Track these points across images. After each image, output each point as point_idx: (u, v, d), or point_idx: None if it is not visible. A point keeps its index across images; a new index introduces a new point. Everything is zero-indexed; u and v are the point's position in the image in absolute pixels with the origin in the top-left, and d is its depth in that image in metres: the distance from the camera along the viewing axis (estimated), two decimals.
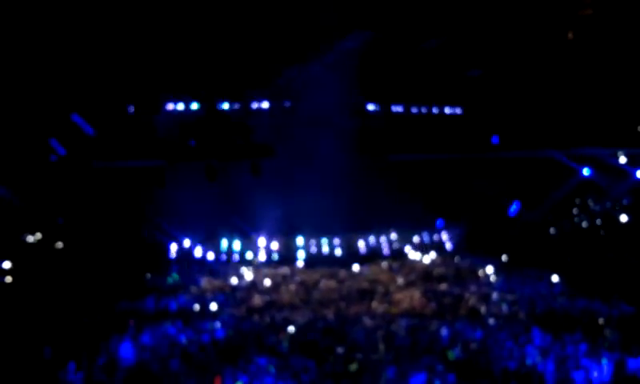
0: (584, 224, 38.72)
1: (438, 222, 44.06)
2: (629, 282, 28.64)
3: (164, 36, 23.57)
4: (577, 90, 28.80)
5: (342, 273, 36.05)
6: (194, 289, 32.10)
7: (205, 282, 33.70)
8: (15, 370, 18.34)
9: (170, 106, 30.40)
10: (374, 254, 41.05)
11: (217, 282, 33.74)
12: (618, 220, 36.56)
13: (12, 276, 27.68)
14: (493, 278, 34.61)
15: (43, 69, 23.29)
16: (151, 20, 22.66)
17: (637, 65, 24.82)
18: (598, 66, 25.93)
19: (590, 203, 38.65)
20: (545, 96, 29.62)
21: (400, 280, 34.66)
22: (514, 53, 26.22)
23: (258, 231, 39.46)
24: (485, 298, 29.79)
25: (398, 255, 41.15)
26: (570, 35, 24.27)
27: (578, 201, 38.97)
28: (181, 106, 30.15)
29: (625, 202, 36.56)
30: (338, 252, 40.57)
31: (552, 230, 39.58)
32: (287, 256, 39.63)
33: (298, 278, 34.98)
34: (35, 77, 23.43)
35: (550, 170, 35.64)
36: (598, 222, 37.96)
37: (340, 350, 21.72)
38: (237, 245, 39.70)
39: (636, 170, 33.58)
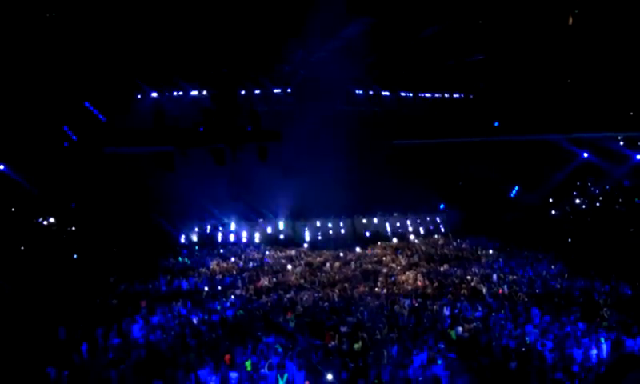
0: (583, 206, 39.01)
1: (440, 205, 44.58)
2: (627, 263, 29.03)
3: (172, 24, 23.84)
4: (577, 75, 29.00)
5: (347, 254, 36.59)
6: (203, 270, 32.62)
7: (214, 263, 34.29)
8: (31, 351, 18.82)
9: (179, 93, 30.80)
10: (377, 236, 41.54)
11: (225, 264, 34.34)
12: (617, 202, 36.79)
13: (26, 259, 28.04)
14: (493, 259, 35.06)
15: (56, 60, 23.62)
16: (159, 8, 22.96)
17: (636, 50, 24.98)
18: (597, 51, 26.07)
19: (590, 186, 38.91)
20: (545, 80, 29.78)
21: (403, 261, 35.17)
22: (514, 38, 26.31)
23: (265, 214, 39.98)
24: (486, 279, 30.30)
25: (401, 237, 41.62)
26: (570, 20, 24.41)
27: (577, 183, 39.23)
28: (190, 93, 30.53)
29: (624, 184, 36.78)
30: (343, 234, 41.03)
31: (552, 212, 39.92)
32: (293, 238, 40.17)
33: (304, 260, 35.50)
34: (48, 67, 23.75)
35: (550, 153, 35.88)
36: (597, 204, 38.26)
37: (345, 329, 22.33)
38: (244, 227, 40.27)
39: (635, 153, 33.75)
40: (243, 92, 30.83)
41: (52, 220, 30.87)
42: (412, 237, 41.85)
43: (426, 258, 35.99)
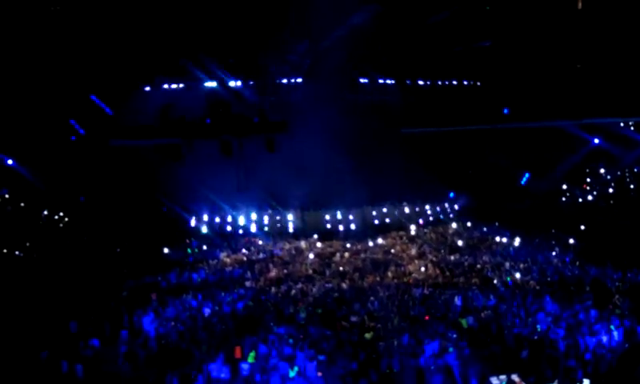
0: (595, 192, 38.74)
1: (450, 193, 44.36)
2: (639, 250, 28.77)
3: (179, 15, 23.79)
4: (586, 60, 28.71)
5: (357, 245, 36.48)
6: (213, 262, 32.65)
7: (224, 255, 34.30)
8: (43, 345, 18.75)
9: (186, 84, 30.71)
10: (387, 226, 41.39)
11: (235, 256, 34.33)
12: (628, 188, 36.52)
13: (36, 254, 28.15)
14: (504, 248, 34.85)
15: (61, 53, 23.62)
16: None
17: None
18: (607, 36, 25.79)
19: (601, 172, 38.64)
20: (554, 66, 29.52)
21: (413, 251, 35.03)
22: (523, 23, 26.08)
23: (274, 205, 39.91)
24: (497, 267, 30.13)
25: (411, 226, 41.43)
26: (580, 4, 24.16)
27: (587, 170, 38.98)
28: (196, 84, 30.42)
29: (635, 170, 36.53)
30: (353, 225, 40.92)
31: (563, 199, 39.68)
32: (303, 229, 40.12)
33: (314, 251, 35.43)
34: (54, 61, 23.75)
35: (561, 139, 35.61)
36: (610, 190, 38.00)
37: (355, 319, 22.27)
38: (254, 218, 40.22)
39: None
40: (250, 83, 30.67)
41: (61, 214, 30.94)
42: (422, 226, 41.61)
43: (437, 246, 35.86)
